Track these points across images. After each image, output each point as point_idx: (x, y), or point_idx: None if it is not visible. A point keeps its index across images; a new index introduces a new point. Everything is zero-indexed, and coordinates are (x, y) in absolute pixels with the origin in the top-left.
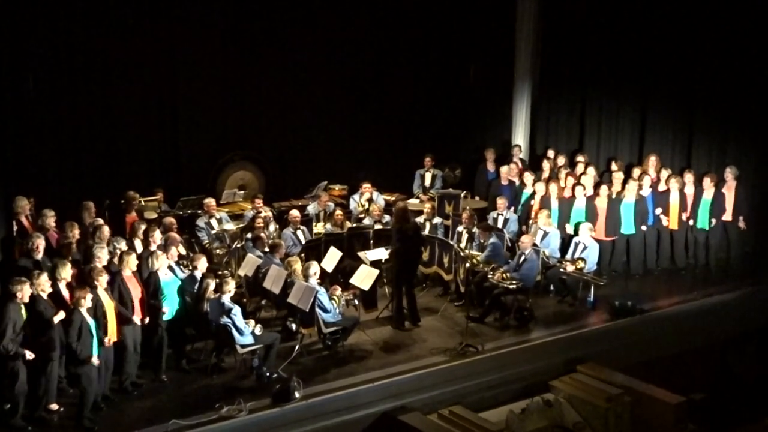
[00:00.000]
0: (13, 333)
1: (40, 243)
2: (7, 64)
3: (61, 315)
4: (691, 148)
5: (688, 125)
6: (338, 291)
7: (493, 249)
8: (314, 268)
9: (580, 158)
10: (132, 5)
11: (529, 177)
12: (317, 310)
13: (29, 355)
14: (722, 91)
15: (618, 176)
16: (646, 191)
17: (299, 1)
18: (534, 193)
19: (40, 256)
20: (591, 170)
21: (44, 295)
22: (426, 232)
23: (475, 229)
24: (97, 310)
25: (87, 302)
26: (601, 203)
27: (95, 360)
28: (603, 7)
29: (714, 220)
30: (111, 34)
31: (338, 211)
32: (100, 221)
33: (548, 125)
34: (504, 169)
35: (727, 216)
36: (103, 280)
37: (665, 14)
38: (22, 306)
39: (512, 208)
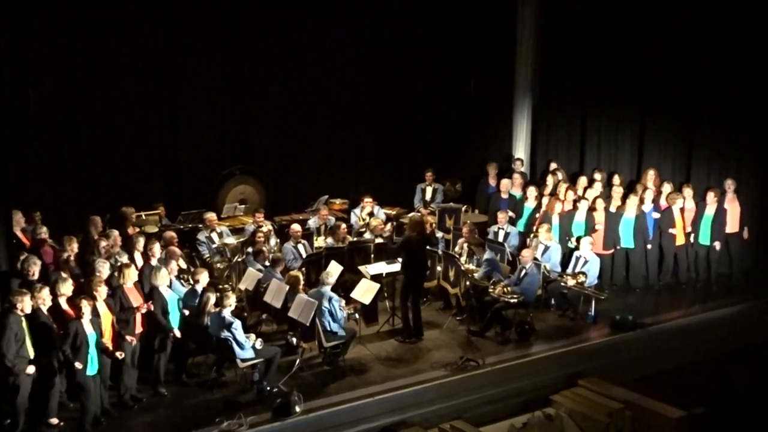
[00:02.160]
0: (15, 345)
1: (36, 269)
2: (8, 78)
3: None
4: (691, 161)
5: (689, 139)
6: (341, 303)
7: (489, 264)
8: (332, 278)
9: (597, 176)
10: (132, 20)
11: (532, 191)
12: (327, 317)
13: (30, 370)
14: (722, 104)
15: (618, 190)
16: (648, 206)
17: (299, 16)
18: (537, 206)
19: (34, 278)
20: (598, 186)
21: (44, 309)
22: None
23: None
24: (93, 323)
25: (87, 313)
26: (599, 217)
27: (78, 365)
28: (603, 21)
29: (717, 243)
30: (111, 48)
31: (343, 226)
32: (108, 241)
33: (548, 139)
34: (504, 182)
35: (729, 229)
36: (102, 291)
37: (664, 28)
38: (23, 318)
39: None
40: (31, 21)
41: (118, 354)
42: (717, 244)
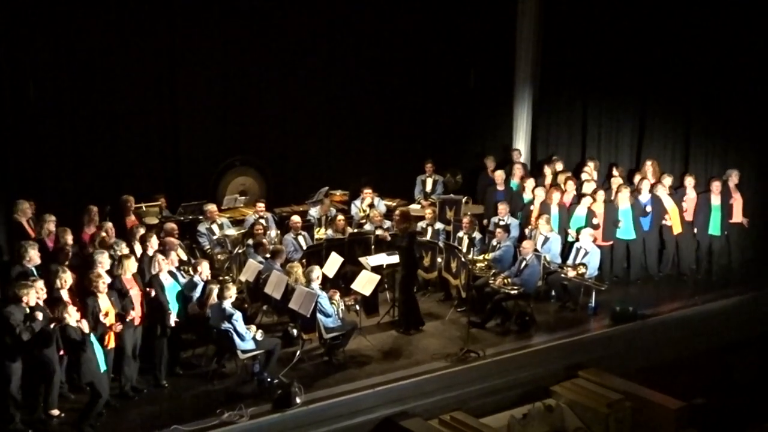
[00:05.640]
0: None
1: (33, 255)
2: (8, 68)
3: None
4: (689, 153)
5: (688, 130)
6: (336, 296)
7: (506, 251)
8: (316, 272)
9: (590, 164)
10: (133, 10)
11: (530, 183)
12: (319, 315)
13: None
14: (722, 96)
15: (616, 182)
16: (645, 197)
17: (299, 6)
18: (533, 198)
19: (32, 265)
20: (593, 175)
21: (40, 302)
22: (428, 237)
23: (475, 234)
24: (91, 317)
25: (72, 318)
26: (599, 208)
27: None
28: (603, 12)
29: (726, 232)
30: (111, 39)
31: (340, 217)
32: (107, 224)
33: (549, 130)
34: (498, 173)
35: (734, 220)
36: (103, 285)
37: (665, 19)
38: (27, 310)
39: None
40: (32, 12)
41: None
42: (745, 221)
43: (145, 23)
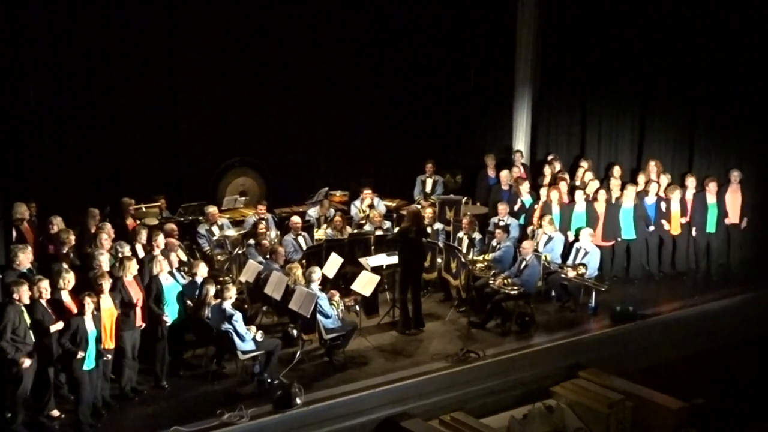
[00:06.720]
0: (13, 334)
1: (23, 259)
2: (8, 70)
3: (59, 325)
4: (692, 152)
5: (689, 130)
6: (336, 296)
7: (506, 252)
8: (317, 273)
9: (583, 164)
10: (132, 12)
11: (525, 186)
12: (318, 316)
13: (26, 363)
14: (723, 95)
15: (616, 182)
16: (652, 198)
17: (299, 7)
18: (537, 199)
19: (23, 268)
20: (590, 175)
21: (43, 302)
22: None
23: (475, 235)
24: (95, 318)
25: (89, 311)
26: (600, 208)
27: (80, 354)
28: (603, 12)
29: (729, 222)
30: (111, 41)
31: (337, 216)
32: (107, 226)
33: (549, 130)
34: (504, 173)
35: (731, 219)
36: (106, 285)
37: (665, 19)
38: (23, 309)
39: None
40: (31, 14)
41: (106, 357)
42: (744, 221)
43: (145, 24)
